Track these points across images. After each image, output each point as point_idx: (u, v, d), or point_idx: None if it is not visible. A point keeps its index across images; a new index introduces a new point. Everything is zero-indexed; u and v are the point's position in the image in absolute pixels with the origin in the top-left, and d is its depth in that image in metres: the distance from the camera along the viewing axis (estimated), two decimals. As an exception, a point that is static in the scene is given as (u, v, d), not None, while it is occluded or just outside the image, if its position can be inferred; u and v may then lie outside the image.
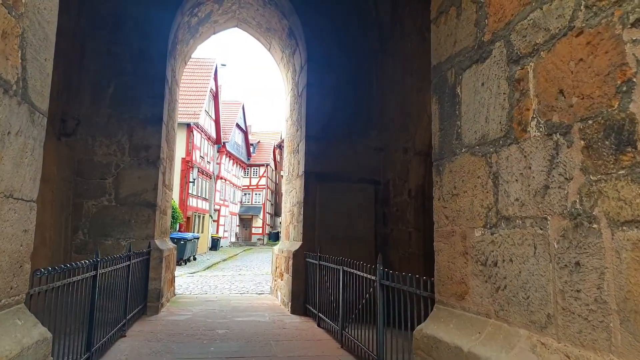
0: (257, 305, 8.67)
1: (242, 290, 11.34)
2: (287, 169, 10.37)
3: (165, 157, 8.48)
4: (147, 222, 7.63)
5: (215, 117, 33.89)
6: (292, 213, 9.30)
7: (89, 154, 7.65)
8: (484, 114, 2.51)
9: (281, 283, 9.08)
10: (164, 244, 8.33)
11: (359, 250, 8.00)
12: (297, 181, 8.89)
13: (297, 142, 9.04)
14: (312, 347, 5.42)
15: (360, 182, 8.32)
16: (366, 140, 8.47)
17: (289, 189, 9.94)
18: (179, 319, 7.05)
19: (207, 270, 19.76)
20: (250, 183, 51.96)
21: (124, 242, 7.49)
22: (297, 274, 7.88)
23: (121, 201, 7.61)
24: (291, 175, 9.67)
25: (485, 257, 2.44)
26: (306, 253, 7.80)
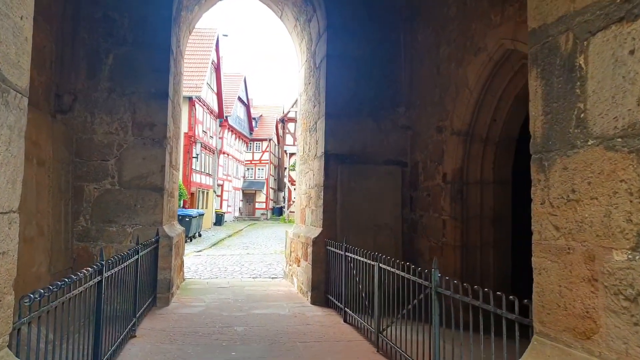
0: (272, 293, 8.11)
1: (254, 273, 10.80)
2: (301, 148, 9.68)
3: (171, 135, 7.78)
4: (154, 207, 7.00)
5: (217, 90, 32.93)
6: (308, 196, 8.66)
7: (88, 132, 6.96)
8: (635, 94, 1.81)
9: (298, 269, 8.51)
10: (173, 230, 7.72)
11: (385, 238, 7.40)
12: (315, 162, 8.21)
13: (315, 119, 8.32)
14: (344, 350, 4.85)
15: (386, 164, 7.64)
16: (393, 117, 7.75)
17: (304, 170, 9.27)
18: (192, 311, 6.49)
19: (214, 247, 19.30)
20: (253, 158, 51.23)
21: (129, 229, 6.87)
22: (317, 263, 7.29)
23: (125, 184, 6.95)
24: (307, 156, 8.98)
25: (635, 290, 1.79)
26: (327, 241, 7.19)
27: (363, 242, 7.01)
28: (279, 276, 10.37)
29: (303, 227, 8.92)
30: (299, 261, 8.42)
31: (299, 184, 9.87)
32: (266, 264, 12.65)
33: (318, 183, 7.84)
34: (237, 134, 43.93)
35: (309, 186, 8.62)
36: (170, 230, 7.38)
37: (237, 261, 13.33)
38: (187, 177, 25.96)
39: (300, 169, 9.76)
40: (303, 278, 7.95)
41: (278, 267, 11.97)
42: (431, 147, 7.04)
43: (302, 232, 8.45)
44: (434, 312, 3.54)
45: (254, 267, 11.82)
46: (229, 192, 42.20)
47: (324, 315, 6.49)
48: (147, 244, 5.99)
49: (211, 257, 14.36)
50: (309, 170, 8.77)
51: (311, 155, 8.59)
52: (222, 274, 10.63)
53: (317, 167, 8.01)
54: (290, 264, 9.36)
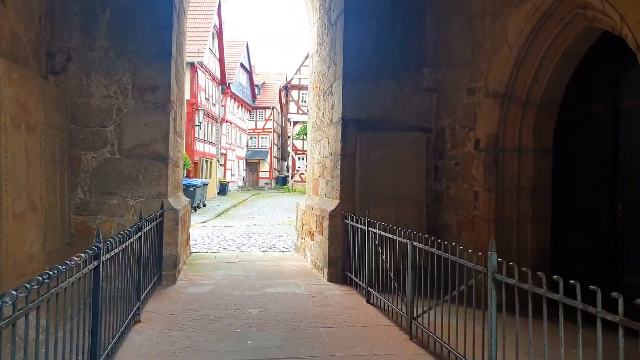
0: (285, 268, 7.64)
1: (263, 246, 10.34)
2: (313, 114, 9.03)
3: (175, 99, 7.15)
4: (158, 178, 6.44)
5: (219, 56, 31.92)
6: (322, 165, 8.07)
7: (84, 96, 6.33)
8: None
9: (311, 244, 8.02)
10: (179, 202, 7.19)
11: (407, 210, 6.85)
12: (330, 129, 7.59)
13: (330, 82, 7.65)
14: (373, 337, 4.37)
15: (409, 131, 7.01)
16: (416, 79, 7.08)
17: (317, 137, 8.65)
18: (201, 290, 6.02)
19: (219, 218, 18.90)
20: (256, 126, 50.45)
21: (132, 202, 6.34)
22: (334, 237, 6.77)
23: (126, 153, 6.37)
24: (320, 122, 8.35)
25: None
26: (345, 214, 6.64)
27: (383, 215, 6.49)
28: (289, 249, 9.91)
29: (316, 198, 8.38)
30: (313, 235, 7.91)
31: (310, 153, 9.27)
32: (275, 235, 12.19)
33: (334, 151, 7.24)
34: (239, 101, 43.03)
35: (323, 155, 8.03)
36: (175, 203, 6.84)
37: (245, 233, 12.87)
38: (190, 145, 25.36)
39: (312, 137, 9.14)
40: (318, 253, 7.45)
41: (287, 239, 11.51)
42: (460, 111, 6.40)
43: (316, 204, 7.91)
44: (491, 303, 3.00)
45: (263, 240, 11.36)
46: (233, 161, 41.65)
47: (344, 294, 6.01)
48: (151, 218, 5.46)
49: (217, 229, 13.91)
50: (322, 138, 8.15)
51: (325, 121, 7.96)
52: (230, 247, 10.17)
53: (332, 135, 7.40)
54: (303, 237, 8.86)
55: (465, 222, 6.16)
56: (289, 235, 12.09)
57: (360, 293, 5.89)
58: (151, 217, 5.48)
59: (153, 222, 5.56)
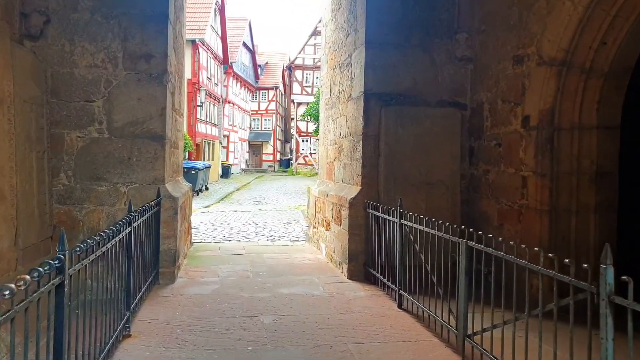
0: (298, 262, 6.84)
1: (271, 235, 9.53)
2: (327, 90, 8.13)
3: (173, 71, 6.26)
4: (154, 161, 5.59)
5: (221, 34, 30.77)
6: (338, 147, 7.21)
7: (66, 65, 5.45)
8: None
9: (326, 234, 7.20)
10: (178, 188, 6.35)
11: (439, 198, 6.00)
12: (348, 106, 6.70)
13: (349, 51, 6.73)
14: (416, 358, 3.56)
15: (441, 106, 6.13)
16: (449, 47, 6.16)
17: (331, 116, 7.76)
18: (203, 291, 5.22)
19: (222, 202, 18.10)
20: (259, 108, 49.37)
21: (123, 188, 5.50)
22: (355, 229, 5.94)
23: (116, 132, 5.51)
24: (336, 98, 7.45)
25: None
26: (368, 203, 5.80)
27: (412, 204, 5.65)
28: (300, 239, 9.10)
29: (331, 184, 7.53)
30: (329, 225, 7.08)
31: (324, 133, 8.39)
32: (282, 222, 11.37)
33: (354, 131, 6.36)
34: (242, 82, 41.92)
35: (340, 135, 7.15)
36: (174, 189, 6.01)
37: (250, 219, 12.06)
38: (191, 126, 24.46)
39: (326, 115, 8.24)
40: (335, 245, 6.64)
41: (296, 226, 10.71)
42: (504, 83, 5.50)
43: (332, 191, 7.06)
44: (606, 334, 2.17)
45: (270, 227, 10.55)
46: (235, 143, 40.75)
47: (369, 296, 5.20)
48: (145, 208, 4.63)
49: (221, 214, 13.11)
50: (339, 116, 7.27)
51: (342, 97, 7.06)
52: (235, 236, 9.36)
53: (352, 111, 6.51)
54: (316, 226, 8.05)
55: (510, 213, 5.31)
56: (298, 222, 11.30)
57: (389, 296, 5.08)
58: (145, 207, 4.64)
59: (147, 213, 4.74)
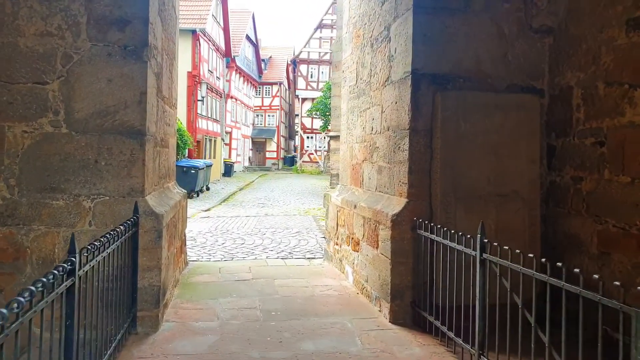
0: (321, 294, 5.35)
1: (281, 249, 8.05)
2: (352, 75, 6.63)
3: (160, 46, 4.78)
4: (131, 165, 4.11)
5: (224, 25, 29.25)
6: (369, 145, 5.72)
7: (7, 32, 3.97)
8: None
9: (354, 256, 5.72)
10: (165, 200, 4.88)
11: (512, 215, 4.50)
12: (386, 92, 5.20)
13: (386, 22, 5.22)
14: None
15: (511, 91, 4.63)
16: (522, 13, 4.66)
17: (358, 106, 6.27)
18: (197, 349, 3.75)
19: (224, 204, 16.65)
20: (263, 103, 47.84)
21: (87, 202, 4.03)
22: (401, 255, 4.46)
23: (78, 126, 4.04)
24: (366, 84, 5.96)
25: None
26: (419, 222, 4.32)
27: (478, 222, 4.18)
28: (316, 254, 7.62)
29: (359, 191, 6.03)
30: (357, 244, 5.60)
31: (347, 128, 6.89)
32: (293, 232, 9.88)
33: (396, 124, 4.87)
34: (245, 76, 40.40)
35: (372, 130, 5.66)
36: (160, 202, 4.53)
37: (256, 226, 10.58)
38: (192, 122, 22.99)
39: (350, 107, 6.74)
40: (369, 273, 5.15)
41: (309, 237, 9.23)
42: (610, 58, 3.99)
43: (363, 202, 5.57)
44: None
45: (280, 239, 9.06)
46: (238, 140, 39.28)
47: (428, 356, 3.71)
48: (113, 234, 3.15)
49: (222, 221, 11.64)
50: (370, 106, 5.77)
51: (376, 81, 5.57)
52: (238, 251, 7.89)
53: (391, 99, 5.02)
54: (338, 242, 6.57)
55: (621, 237, 3.81)
56: (310, 232, 9.82)
57: (457, 354, 3.60)
58: (112, 233, 3.17)
59: (118, 239, 3.27)
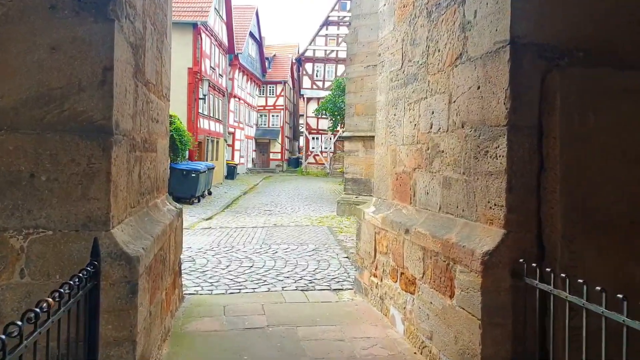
0: (364, 354, 3.86)
1: (298, 275, 6.55)
2: (395, 58, 5.14)
3: (140, 5, 3.31)
4: (88, 180, 2.64)
5: (227, 20, 27.79)
6: (426, 148, 4.24)
7: None
8: None
9: (406, 298, 4.24)
10: (148, 227, 3.40)
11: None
12: (456, 74, 3.72)
13: (458, -23, 3.74)
14: None
15: (658, 70, 3.14)
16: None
17: (406, 97, 4.79)
18: None
19: (227, 211, 15.20)
20: (267, 103, 46.37)
21: (18, 240, 2.55)
22: (497, 314, 2.98)
23: (3, 119, 2.57)
24: (419, 67, 4.48)
25: None
26: (526, 264, 2.83)
27: (614, 267, 2.73)
28: (343, 284, 6.12)
29: (409, 210, 4.54)
30: (413, 284, 4.11)
31: (386, 126, 5.39)
32: (309, 249, 8.38)
33: (479, 118, 3.38)
34: (249, 75, 38.95)
35: (431, 128, 4.18)
36: (136, 234, 3.05)
37: (264, 241, 9.10)
38: (192, 122, 21.54)
39: (391, 98, 5.25)
40: (437, 330, 3.66)
41: (328, 255, 7.75)
42: None
43: (420, 226, 4.08)
44: None
45: (294, 258, 7.56)
46: (241, 141, 37.83)
47: None
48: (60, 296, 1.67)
49: (225, 232, 10.17)
50: (427, 96, 4.29)
51: (438, 61, 4.09)
52: (246, 277, 6.40)
53: (468, 83, 3.54)
54: (376, 274, 5.07)
55: None
56: (329, 248, 8.34)
57: None
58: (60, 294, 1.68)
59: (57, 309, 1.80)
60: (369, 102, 13.82)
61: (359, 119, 13.97)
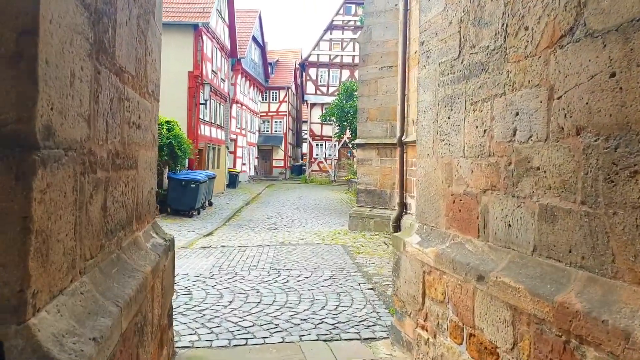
0: None
1: (317, 314, 5.37)
2: (449, 44, 4.00)
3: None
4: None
5: (229, 22, 26.75)
6: (504, 163, 3.08)
7: None
8: None
9: (480, 371, 3.06)
10: (115, 288, 2.22)
11: None
12: (562, 59, 2.57)
13: None
14: None
15: None
16: None
17: (469, 94, 3.64)
18: None
19: (229, 225, 14.04)
20: (269, 109, 45.30)
21: None
22: None
23: None
24: (487, 52, 3.33)
25: None
26: None
27: None
28: (375, 330, 4.93)
29: (479, 246, 3.37)
30: (495, 356, 2.93)
31: (434, 132, 4.24)
32: (326, 277, 7.19)
33: (610, 122, 2.23)
34: (251, 80, 37.92)
35: (513, 136, 3.02)
36: (84, 315, 1.88)
37: (272, 265, 7.92)
38: (193, 128, 20.43)
39: (442, 96, 4.09)
40: None
41: (351, 285, 6.57)
42: None
43: (503, 273, 2.91)
44: None
45: (310, 291, 6.36)
46: (244, 148, 36.73)
47: None
48: None
49: (227, 253, 9.00)
50: (506, 92, 3.14)
51: (525, 44, 2.95)
52: (254, 318, 5.22)
53: (585, 70, 2.38)
54: (426, 326, 3.89)
55: None
56: (349, 277, 7.15)
57: None
58: None
59: None
60: (383, 106, 12.71)
61: (373, 125, 12.84)
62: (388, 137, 12.45)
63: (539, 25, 2.84)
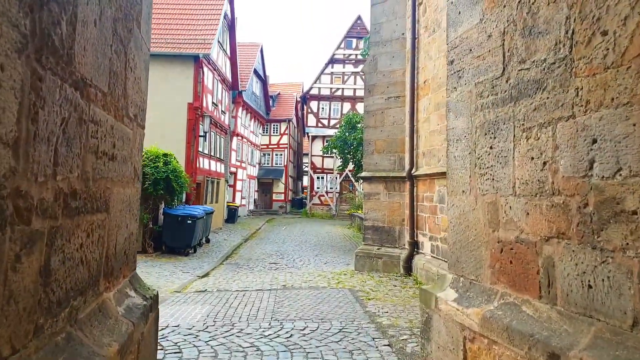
0: None
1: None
2: (488, 60, 3.37)
3: None
4: None
5: (231, 54, 26.59)
6: (570, 201, 2.39)
7: None
8: None
9: None
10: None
11: None
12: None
13: None
14: None
15: None
16: None
17: (520, 119, 2.98)
18: None
19: (227, 263, 13.24)
20: (270, 142, 44.95)
21: None
22: None
23: None
24: (542, 68, 2.69)
25: None
26: None
27: None
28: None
29: (537, 308, 2.64)
30: None
31: (471, 164, 3.56)
32: (335, 330, 6.36)
33: None
34: (252, 113, 37.68)
35: (585, 169, 2.35)
36: None
37: (274, 315, 7.10)
38: (191, 161, 19.84)
39: (481, 122, 3.43)
40: None
41: (364, 341, 5.75)
42: None
43: (583, 351, 2.18)
44: None
45: (318, 349, 5.50)
46: (244, 181, 36.10)
47: None
48: None
49: (224, 300, 8.19)
50: (572, 114, 2.48)
51: (600, 53, 2.31)
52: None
53: None
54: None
55: None
56: (361, 330, 6.32)
57: None
58: None
59: None
60: (391, 137, 12.12)
61: (380, 157, 12.21)
62: (396, 170, 11.80)
63: (625, 28, 2.21)
